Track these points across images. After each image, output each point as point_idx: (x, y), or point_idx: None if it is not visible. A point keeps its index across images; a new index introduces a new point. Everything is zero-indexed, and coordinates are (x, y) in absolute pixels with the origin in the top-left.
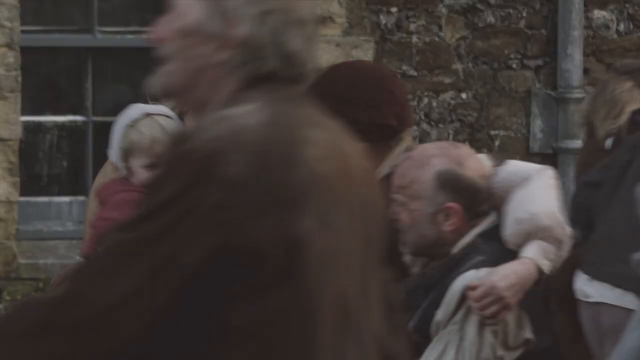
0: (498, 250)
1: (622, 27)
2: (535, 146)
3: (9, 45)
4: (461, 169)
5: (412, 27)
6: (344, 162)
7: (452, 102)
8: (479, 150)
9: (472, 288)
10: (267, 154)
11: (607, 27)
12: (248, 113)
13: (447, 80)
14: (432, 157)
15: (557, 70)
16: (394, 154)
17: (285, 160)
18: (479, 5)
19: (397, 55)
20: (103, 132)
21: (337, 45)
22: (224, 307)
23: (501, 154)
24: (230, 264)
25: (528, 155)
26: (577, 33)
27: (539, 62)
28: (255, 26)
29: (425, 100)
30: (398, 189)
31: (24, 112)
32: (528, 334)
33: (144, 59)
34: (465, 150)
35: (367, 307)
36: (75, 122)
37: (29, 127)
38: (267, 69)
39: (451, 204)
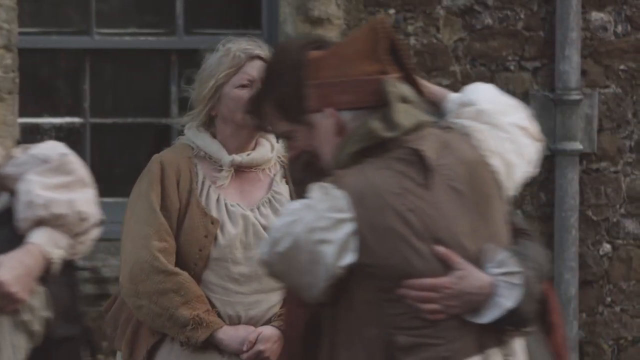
0: (7, 236)
1: (619, 28)
2: None
3: (6, 47)
4: None
5: (410, 28)
6: None
7: None
8: None
9: None
10: None
11: (605, 29)
12: None
13: (445, 82)
14: None
15: (555, 72)
16: None
17: None
18: (476, 7)
19: None
20: (101, 134)
21: None
22: None
23: None
24: None
25: None
26: (574, 35)
27: (537, 63)
28: None
29: None
30: None
31: (21, 114)
32: (47, 313)
33: (142, 61)
34: None
35: None
36: (72, 123)
37: (26, 129)
38: None
39: None
